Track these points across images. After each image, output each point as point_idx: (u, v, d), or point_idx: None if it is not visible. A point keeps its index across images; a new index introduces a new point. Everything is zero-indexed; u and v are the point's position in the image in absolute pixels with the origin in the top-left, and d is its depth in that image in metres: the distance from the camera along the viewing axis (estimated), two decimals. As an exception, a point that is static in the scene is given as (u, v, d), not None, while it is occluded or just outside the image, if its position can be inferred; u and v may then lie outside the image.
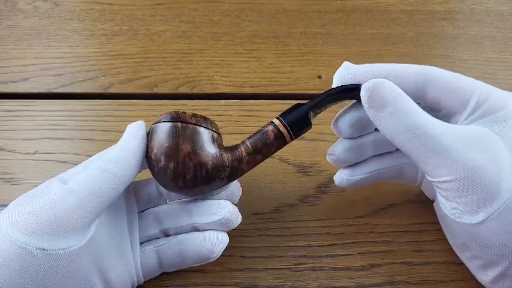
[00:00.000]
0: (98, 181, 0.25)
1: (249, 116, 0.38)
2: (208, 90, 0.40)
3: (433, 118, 0.26)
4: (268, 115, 0.38)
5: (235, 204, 0.29)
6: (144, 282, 0.29)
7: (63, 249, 0.24)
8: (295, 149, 0.36)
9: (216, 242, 0.28)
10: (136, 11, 0.47)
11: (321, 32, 0.45)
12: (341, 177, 0.31)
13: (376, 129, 0.30)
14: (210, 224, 0.28)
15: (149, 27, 0.45)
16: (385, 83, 0.26)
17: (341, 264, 0.31)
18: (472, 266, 0.28)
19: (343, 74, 0.28)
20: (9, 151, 0.36)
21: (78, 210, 0.24)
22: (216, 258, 0.28)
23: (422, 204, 0.33)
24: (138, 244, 0.28)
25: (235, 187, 0.29)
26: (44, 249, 0.23)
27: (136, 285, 0.29)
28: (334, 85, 0.28)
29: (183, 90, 0.40)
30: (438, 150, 0.25)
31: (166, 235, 0.29)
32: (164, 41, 0.44)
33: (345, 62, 0.28)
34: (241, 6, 0.47)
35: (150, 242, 0.29)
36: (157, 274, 0.29)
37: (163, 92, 0.40)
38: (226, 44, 0.44)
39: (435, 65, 0.28)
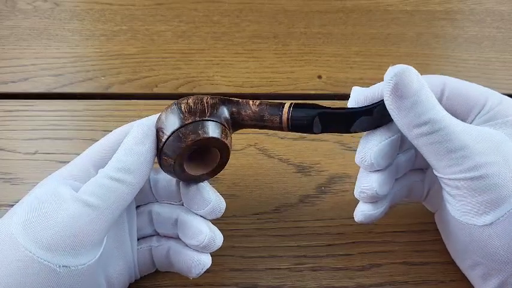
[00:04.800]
0: (113, 192, 0.24)
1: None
2: (208, 90, 0.40)
3: (450, 115, 0.25)
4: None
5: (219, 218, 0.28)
6: (140, 278, 0.29)
7: (84, 264, 0.24)
8: (295, 149, 0.36)
9: (196, 264, 0.28)
10: (136, 11, 0.47)
11: (321, 32, 0.45)
12: (363, 213, 0.28)
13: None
14: (190, 245, 0.28)
15: (149, 27, 0.45)
16: (412, 69, 0.24)
17: (341, 264, 0.31)
18: (473, 276, 0.28)
19: (357, 98, 0.27)
20: (9, 151, 0.36)
21: (98, 224, 0.24)
22: (197, 277, 0.28)
23: (422, 204, 0.33)
24: (136, 242, 0.29)
25: (216, 203, 0.28)
26: (67, 266, 0.23)
27: (133, 281, 0.29)
28: None
29: (183, 90, 0.40)
30: (456, 148, 0.24)
31: (159, 234, 0.29)
32: (164, 41, 0.44)
33: (353, 87, 0.28)
34: (241, 6, 0.47)
35: (145, 240, 0.29)
36: (152, 271, 0.30)
37: (163, 92, 0.40)
38: (226, 44, 0.44)
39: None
